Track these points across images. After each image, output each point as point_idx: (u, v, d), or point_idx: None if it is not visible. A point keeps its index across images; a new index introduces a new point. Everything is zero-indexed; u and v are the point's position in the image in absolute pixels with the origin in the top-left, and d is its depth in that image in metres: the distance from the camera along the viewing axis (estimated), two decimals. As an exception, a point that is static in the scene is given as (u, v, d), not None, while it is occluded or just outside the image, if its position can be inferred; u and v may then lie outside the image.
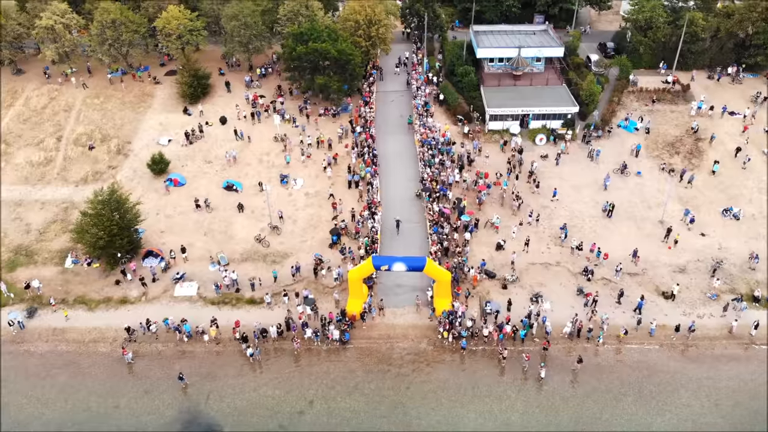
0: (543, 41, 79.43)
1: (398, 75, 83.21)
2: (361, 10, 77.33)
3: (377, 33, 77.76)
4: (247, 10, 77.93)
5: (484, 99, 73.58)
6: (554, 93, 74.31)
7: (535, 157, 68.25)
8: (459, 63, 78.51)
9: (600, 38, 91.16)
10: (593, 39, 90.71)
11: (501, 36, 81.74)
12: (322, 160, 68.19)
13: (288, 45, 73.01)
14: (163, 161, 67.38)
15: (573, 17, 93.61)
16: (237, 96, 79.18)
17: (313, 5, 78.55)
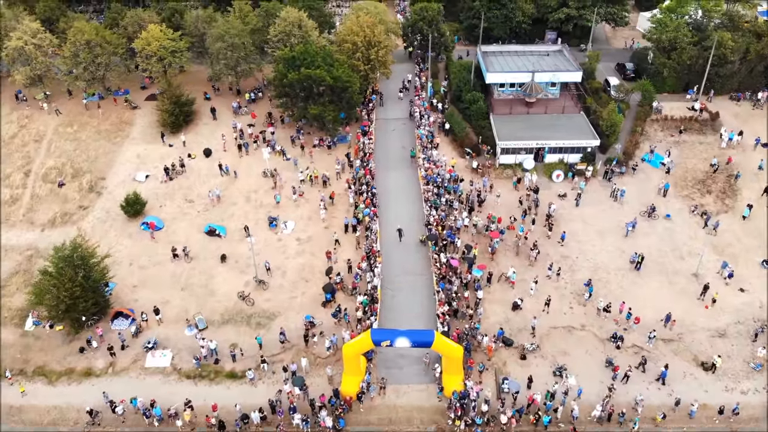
0: (558, 64, 72.66)
1: (401, 100, 76.34)
2: (359, 31, 70.51)
3: (377, 56, 70.94)
4: (234, 30, 71.16)
5: (495, 129, 66.79)
6: (571, 122, 67.54)
7: (552, 197, 61.53)
8: (466, 88, 71.72)
9: (617, 57, 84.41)
10: (610, 58, 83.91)
11: (512, 58, 74.94)
12: (318, 199, 61.37)
13: (279, 70, 66.17)
14: (138, 202, 60.56)
15: (589, 35, 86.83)
16: (223, 123, 72.40)
17: (306, 25, 71.75)
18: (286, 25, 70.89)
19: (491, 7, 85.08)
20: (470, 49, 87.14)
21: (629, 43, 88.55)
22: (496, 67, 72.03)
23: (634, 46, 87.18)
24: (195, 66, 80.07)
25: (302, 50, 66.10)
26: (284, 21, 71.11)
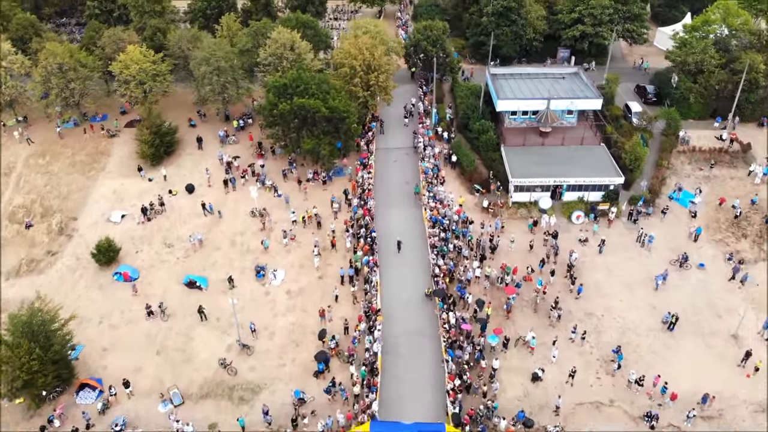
0: (575, 89, 66.44)
1: (406, 126, 70.09)
2: (357, 54, 64.28)
3: (377, 81, 64.70)
4: (220, 52, 64.95)
5: (507, 163, 60.57)
6: (591, 156, 61.34)
7: (572, 242, 55.36)
8: (475, 116, 65.57)
9: (636, 78, 78.20)
10: (628, 78, 77.77)
11: (524, 81, 68.73)
12: (312, 244, 55.18)
13: (269, 100, 59.93)
14: (111, 249, 54.32)
15: (605, 53, 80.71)
16: (209, 154, 66.28)
17: (300, 47, 65.51)
18: (278, 47, 64.62)
19: (500, 23, 79.07)
20: (477, 69, 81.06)
21: (638, 62, 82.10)
22: (507, 92, 65.81)
23: (643, 66, 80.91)
24: (181, 87, 73.89)
25: (295, 77, 59.86)
26: (275, 43, 64.84)
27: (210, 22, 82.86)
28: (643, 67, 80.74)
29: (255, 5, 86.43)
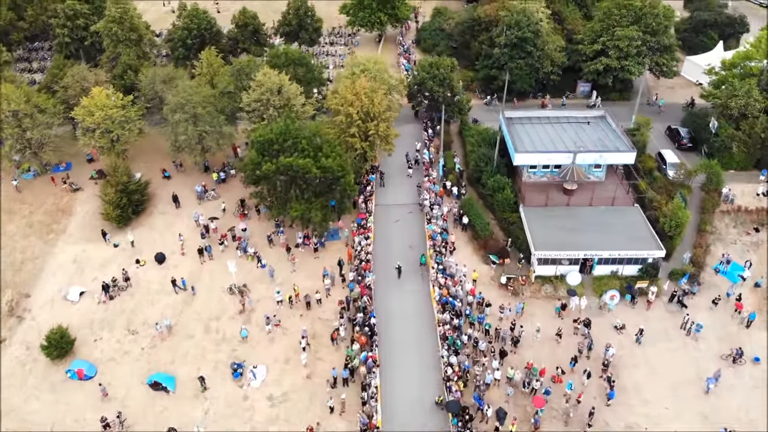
0: (603, 137, 58.16)
1: (409, 177, 61.82)
2: (354, 100, 56.01)
3: (377, 130, 56.43)
4: (197, 97, 56.69)
5: (527, 229, 52.32)
6: (625, 220, 53.10)
7: (607, 329, 47.11)
8: (488, 170, 57.32)
9: (666, 117, 69.85)
10: (666, 117, 69.47)
11: (543, 127, 60.45)
12: (299, 331, 46.95)
13: (251, 158, 51.66)
14: (64, 340, 46.05)
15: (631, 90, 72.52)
16: (185, 212, 58.09)
17: (289, 90, 57.17)
18: (263, 91, 56.29)
19: (514, 55, 70.75)
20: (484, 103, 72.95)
21: (652, 99, 73.75)
22: (525, 142, 57.50)
23: (659, 102, 72.54)
24: (156, 129, 65.53)
25: (281, 129, 51.53)
26: (261, 87, 56.49)
27: (191, 52, 74.76)
28: (658, 104, 72.23)
29: (242, 33, 78.27)
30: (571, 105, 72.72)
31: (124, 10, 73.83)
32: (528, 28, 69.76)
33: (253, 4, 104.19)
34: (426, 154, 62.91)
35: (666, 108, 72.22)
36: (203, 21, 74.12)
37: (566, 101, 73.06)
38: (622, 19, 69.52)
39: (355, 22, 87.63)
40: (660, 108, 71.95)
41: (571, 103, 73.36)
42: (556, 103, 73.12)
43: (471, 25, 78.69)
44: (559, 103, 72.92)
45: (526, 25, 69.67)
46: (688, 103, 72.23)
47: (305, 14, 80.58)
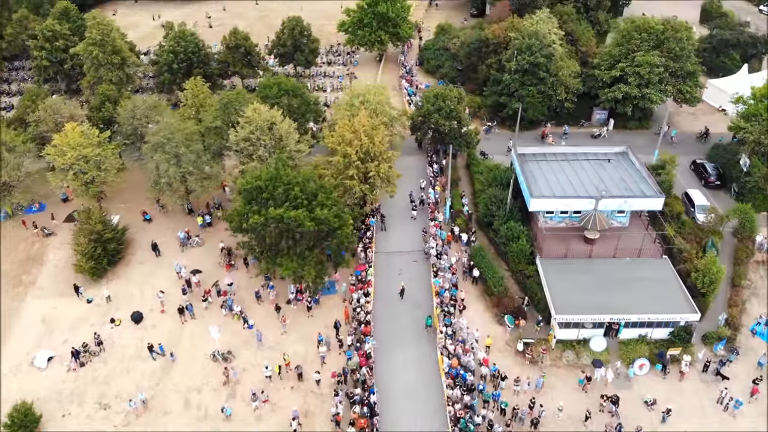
0: (627, 179, 52.94)
1: (414, 219, 56.54)
2: (353, 139, 50.78)
3: (377, 171, 51.18)
4: (179, 135, 51.44)
5: (546, 287, 47.06)
6: (653, 275, 47.85)
7: (636, 404, 41.83)
8: (500, 214, 52.06)
9: (680, 149, 64.19)
10: (680, 149, 64.29)
11: (560, 165, 55.18)
12: (290, 409, 41.64)
13: (237, 209, 46.39)
14: (28, 418, 40.77)
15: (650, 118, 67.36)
16: (167, 260, 52.85)
17: (281, 128, 51.86)
18: (253, 129, 51.01)
19: (525, 82, 65.50)
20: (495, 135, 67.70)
21: (664, 130, 67.83)
22: (540, 183, 52.17)
23: (671, 134, 67.07)
24: (137, 164, 60.24)
25: (272, 175, 46.21)
26: (250, 124, 51.19)
27: (177, 77, 69.52)
28: (670, 135, 66.83)
29: (233, 55, 73.00)
30: (575, 135, 67.44)
31: (106, 32, 68.74)
32: (540, 53, 64.54)
33: (248, 18, 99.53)
34: (431, 193, 57.53)
35: (679, 138, 66.75)
36: (190, 44, 68.97)
37: (569, 130, 67.67)
38: (643, 44, 64.26)
39: (354, 41, 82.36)
40: (672, 139, 66.47)
41: (575, 133, 68.01)
42: (558, 131, 67.74)
43: (478, 47, 73.40)
44: (560, 131, 67.56)
45: (538, 49, 64.44)
46: (701, 133, 66.97)
47: (300, 34, 75.32)
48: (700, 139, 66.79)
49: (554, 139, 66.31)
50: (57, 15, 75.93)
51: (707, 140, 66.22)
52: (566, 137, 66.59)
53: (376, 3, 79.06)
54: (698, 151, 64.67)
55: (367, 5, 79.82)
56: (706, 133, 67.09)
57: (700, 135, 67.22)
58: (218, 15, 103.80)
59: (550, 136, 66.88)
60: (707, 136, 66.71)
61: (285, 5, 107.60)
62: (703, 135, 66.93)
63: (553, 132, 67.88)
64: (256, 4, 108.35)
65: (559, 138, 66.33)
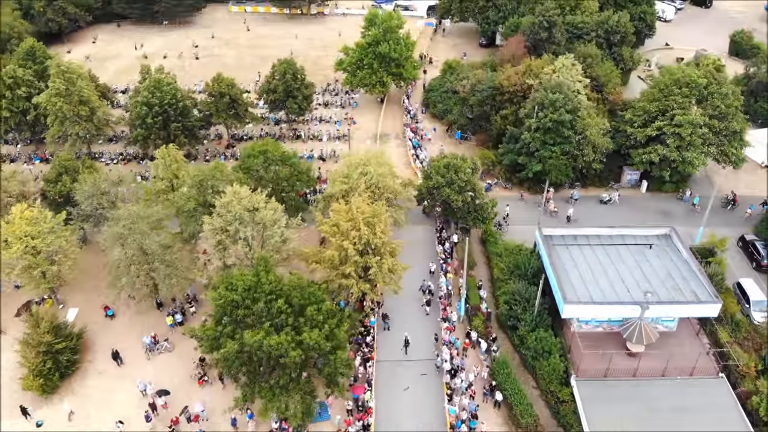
0: (672, 270, 45.09)
1: (427, 315, 48.22)
2: (350, 229, 42.61)
3: (379, 267, 42.95)
4: (143, 224, 43.27)
5: (584, 418, 38.91)
6: (709, 400, 39.98)
7: None
8: (526, 319, 43.89)
9: (722, 220, 55.94)
10: (691, 218, 56.20)
11: (594, 252, 47.16)
12: None
13: (207, 331, 38.16)
14: None
15: (688, 182, 59.31)
16: (130, 369, 44.56)
17: (266, 215, 43.52)
18: (231, 219, 42.74)
19: (547, 141, 57.36)
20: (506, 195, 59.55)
21: (686, 196, 59.83)
22: (574, 282, 43.97)
23: (693, 200, 58.86)
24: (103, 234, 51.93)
25: (250, 284, 38.02)
26: (227, 212, 42.90)
27: (152, 131, 61.35)
28: (693, 202, 58.77)
29: (216, 105, 64.77)
30: (585, 198, 59.26)
31: (71, 81, 60.61)
32: (565, 108, 56.43)
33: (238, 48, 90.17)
34: (443, 282, 49.22)
35: (703, 205, 58.21)
36: (167, 95, 60.68)
37: (578, 195, 59.46)
38: (684, 100, 56.04)
39: (352, 82, 74.16)
40: (695, 207, 58.20)
41: (586, 196, 59.81)
42: (560, 196, 59.60)
43: (491, 95, 65.22)
44: (567, 195, 59.46)
45: (562, 104, 56.31)
46: (728, 198, 58.80)
47: (293, 79, 67.03)
48: (726, 206, 58.55)
49: (556, 205, 58.21)
50: (21, 56, 67.72)
51: (735, 207, 57.78)
52: (575, 202, 58.31)
53: (377, 42, 70.80)
54: (734, 222, 56.33)
55: (368, 44, 71.58)
56: (733, 200, 58.72)
57: (725, 201, 58.92)
58: (206, 43, 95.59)
59: (552, 202, 58.65)
60: (735, 203, 58.34)
61: (278, 31, 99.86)
62: (730, 201, 58.61)
63: (559, 196, 59.77)
64: (248, 31, 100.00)
65: (566, 203, 58.15)
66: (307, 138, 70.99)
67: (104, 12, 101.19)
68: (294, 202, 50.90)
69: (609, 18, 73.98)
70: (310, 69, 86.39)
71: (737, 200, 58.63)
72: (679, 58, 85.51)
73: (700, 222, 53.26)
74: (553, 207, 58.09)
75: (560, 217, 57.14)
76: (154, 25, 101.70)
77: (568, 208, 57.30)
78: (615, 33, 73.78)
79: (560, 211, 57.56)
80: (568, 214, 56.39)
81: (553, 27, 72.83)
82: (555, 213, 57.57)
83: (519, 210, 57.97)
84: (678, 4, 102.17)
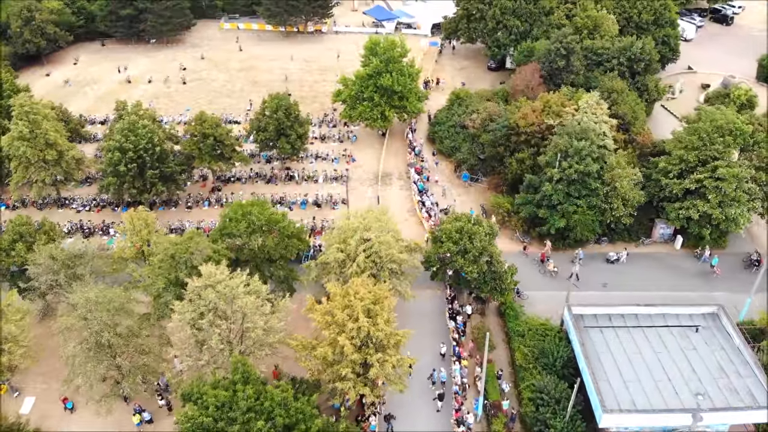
0: (723, 362, 38.58)
1: (438, 411, 41.28)
2: (346, 321, 35.85)
3: (382, 366, 36.18)
4: (103, 312, 36.55)
5: None
6: None
7: None
8: (556, 426, 37.04)
9: (741, 284, 49.13)
10: (709, 280, 49.89)
11: (632, 336, 40.73)
12: None
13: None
14: None
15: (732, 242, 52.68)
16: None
17: (244, 306, 36.70)
18: (203, 311, 35.94)
19: (572, 193, 50.63)
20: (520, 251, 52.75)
21: (705, 255, 52.65)
22: (612, 381, 37.32)
23: (711, 261, 51.89)
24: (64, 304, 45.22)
25: (225, 399, 31.32)
26: (199, 301, 36.13)
27: (125, 180, 54.68)
28: (710, 263, 51.87)
29: (198, 146, 58.05)
30: (589, 257, 52.54)
31: (36, 123, 54.02)
32: (591, 157, 49.76)
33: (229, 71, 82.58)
34: (456, 370, 42.34)
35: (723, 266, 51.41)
36: (142, 138, 53.98)
37: (583, 255, 52.37)
38: (727, 150, 49.30)
39: (351, 116, 67.45)
40: (714, 269, 51.31)
41: (590, 254, 53.11)
42: (564, 255, 52.77)
43: (506, 134, 58.53)
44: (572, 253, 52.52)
45: (588, 152, 49.61)
46: (751, 258, 52.00)
47: (286, 116, 60.25)
48: (749, 267, 51.76)
49: (555, 264, 51.54)
50: (-16, 90, 61.26)
51: (758, 269, 50.70)
52: (580, 261, 51.52)
53: (378, 74, 64.05)
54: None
55: (368, 75, 64.85)
56: (757, 261, 51.77)
57: (749, 261, 52.13)
58: (195, 65, 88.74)
59: (550, 261, 51.93)
60: (759, 264, 51.28)
61: (272, 51, 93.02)
62: (754, 263, 51.71)
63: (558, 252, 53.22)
64: (240, 51, 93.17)
65: (571, 263, 51.41)
66: (301, 179, 64.28)
67: (87, 30, 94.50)
68: (282, 271, 44.15)
69: (632, 44, 67.23)
70: (305, 96, 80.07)
71: (762, 261, 51.56)
72: (704, 85, 79.05)
73: (719, 286, 46.56)
74: (553, 267, 51.39)
75: (560, 277, 50.37)
76: (141, 44, 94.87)
77: (573, 268, 50.35)
78: (639, 61, 67.03)
79: (560, 271, 50.93)
80: (573, 272, 49.49)
81: (572, 55, 66.16)
82: (555, 273, 50.94)
83: (524, 268, 50.86)
84: (698, 22, 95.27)
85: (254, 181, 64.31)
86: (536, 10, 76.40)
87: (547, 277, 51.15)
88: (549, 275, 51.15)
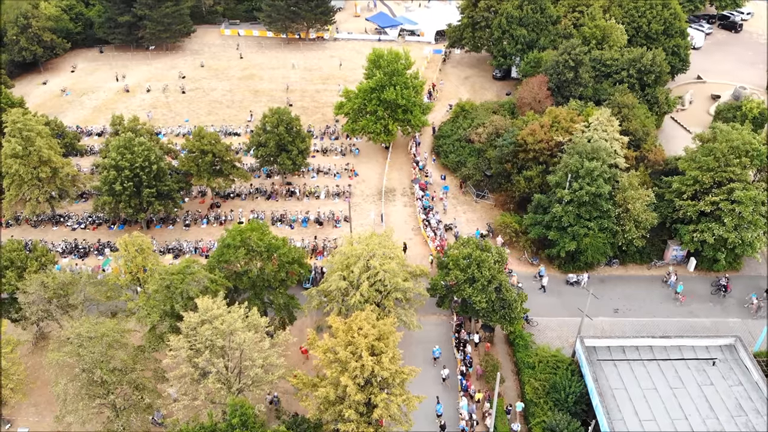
0: (741, 397, 36.98)
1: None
2: (348, 358, 34.16)
3: (387, 407, 34.51)
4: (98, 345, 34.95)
5: None
6: None
7: None
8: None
9: (732, 311, 47.50)
10: (720, 306, 48.07)
11: (647, 370, 39.01)
12: None
13: None
14: None
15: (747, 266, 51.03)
16: None
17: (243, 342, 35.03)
18: (200, 348, 34.32)
19: (583, 215, 48.97)
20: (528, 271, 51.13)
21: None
22: (627, 419, 35.73)
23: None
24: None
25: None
26: (194, 336, 34.50)
27: (121, 199, 53.05)
28: (677, 291, 49.80)
29: (197, 163, 56.40)
30: (598, 279, 51.10)
31: (29, 140, 52.45)
32: (603, 178, 48.09)
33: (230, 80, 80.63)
34: (463, 407, 40.64)
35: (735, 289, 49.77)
36: (138, 156, 52.34)
37: (544, 272, 51.17)
38: (743, 172, 47.59)
39: (354, 129, 65.79)
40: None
41: (553, 276, 51.54)
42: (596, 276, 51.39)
43: (513, 151, 56.84)
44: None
45: (600, 173, 47.93)
46: (719, 284, 50.19)
47: (287, 131, 58.59)
48: (717, 292, 50.13)
49: (519, 280, 49.93)
50: (-24, 104, 59.67)
51: (726, 296, 49.32)
52: (542, 279, 50.49)
53: (382, 87, 62.37)
54: (733, 311, 47.74)
55: (371, 89, 63.15)
56: (725, 287, 49.91)
57: (716, 287, 50.35)
58: (194, 73, 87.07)
59: (514, 275, 50.36)
60: (726, 290, 49.75)
61: (274, 59, 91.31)
62: (720, 288, 50.00)
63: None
64: (240, 58, 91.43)
65: (533, 280, 50.10)
66: (303, 195, 62.65)
67: (85, 36, 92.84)
68: (282, 299, 42.51)
69: (643, 56, 65.41)
70: (307, 106, 78.41)
71: (729, 287, 49.97)
72: (714, 95, 77.32)
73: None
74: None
75: (571, 304, 48.54)
76: (139, 51, 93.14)
77: (540, 283, 50.06)
78: (649, 73, 65.21)
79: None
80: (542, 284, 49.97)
81: (580, 66, 64.34)
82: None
83: (533, 292, 49.11)
84: (707, 29, 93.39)
85: (254, 197, 62.67)
86: (543, 19, 74.51)
87: (556, 301, 49.38)
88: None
